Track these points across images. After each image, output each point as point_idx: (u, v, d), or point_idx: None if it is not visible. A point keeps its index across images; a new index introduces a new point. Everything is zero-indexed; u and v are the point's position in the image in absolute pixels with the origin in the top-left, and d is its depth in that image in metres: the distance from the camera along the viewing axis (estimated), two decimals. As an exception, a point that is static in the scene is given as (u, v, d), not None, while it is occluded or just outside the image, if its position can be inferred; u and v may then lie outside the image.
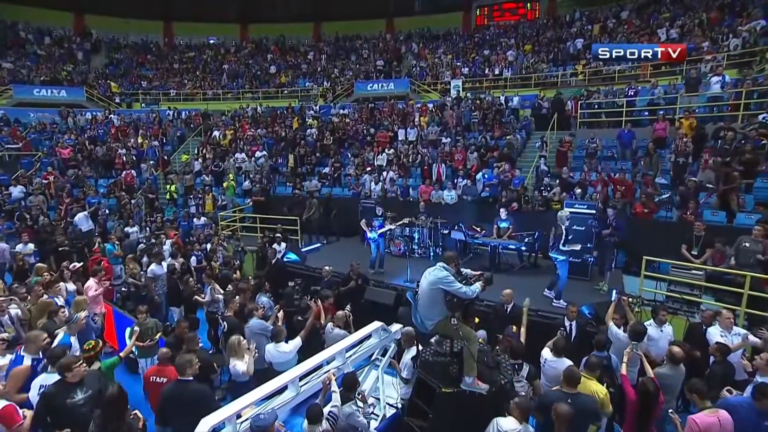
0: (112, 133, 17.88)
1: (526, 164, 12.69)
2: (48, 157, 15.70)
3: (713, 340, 4.63)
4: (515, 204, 9.47)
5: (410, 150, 14.30)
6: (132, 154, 15.89)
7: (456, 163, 12.79)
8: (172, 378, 3.94)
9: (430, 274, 3.72)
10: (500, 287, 7.18)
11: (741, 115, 10.20)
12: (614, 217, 6.79)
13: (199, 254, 9.09)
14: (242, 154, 15.52)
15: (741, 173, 8.50)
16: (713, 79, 10.81)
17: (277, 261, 8.09)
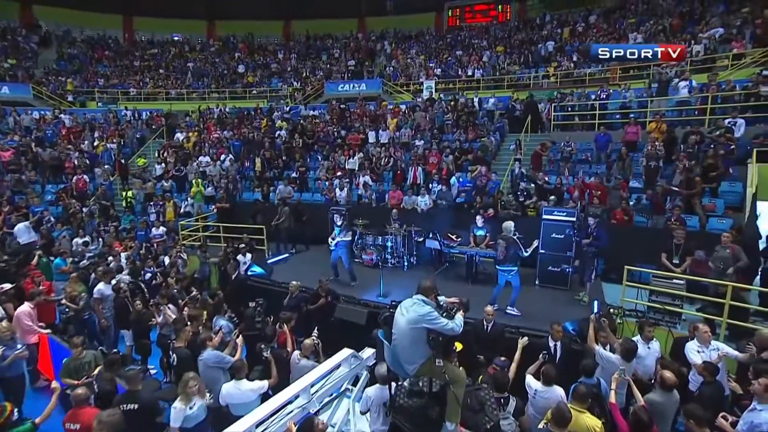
0: (63, 134, 16.57)
1: (501, 167, 12.51)
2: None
3: (691, 356, 4.41)
4: (491, 210, 9.20)
5: (382, 153, 13.89)
6: (85, 157, 14.73)
7: (430, 166, 12.44)
8: (86, 424, 3.31)
9: (408, 310, 3.21)
10: (479, 299, 6.93)
11: (708, 120, 10.33)
12: (595, 226, 6.60)
13: (152, 269, 8.32)
14: (207, 157, 14.65)
15: (702, 178, 8.56)
16: (681, 84, 10.93)
17: (238, 276, 7.46)
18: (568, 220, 7.11)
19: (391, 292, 7.23)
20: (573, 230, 6.96)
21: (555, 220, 7.17)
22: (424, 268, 8.74)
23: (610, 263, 7.73)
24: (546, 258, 7.26)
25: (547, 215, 7.23)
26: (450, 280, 8.01)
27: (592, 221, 6.56)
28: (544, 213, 7.25)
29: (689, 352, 4.43)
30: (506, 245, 6.35)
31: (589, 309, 6.29)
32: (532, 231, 7.81)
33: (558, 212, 7.17)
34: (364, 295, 7.06)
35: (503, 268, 6.46)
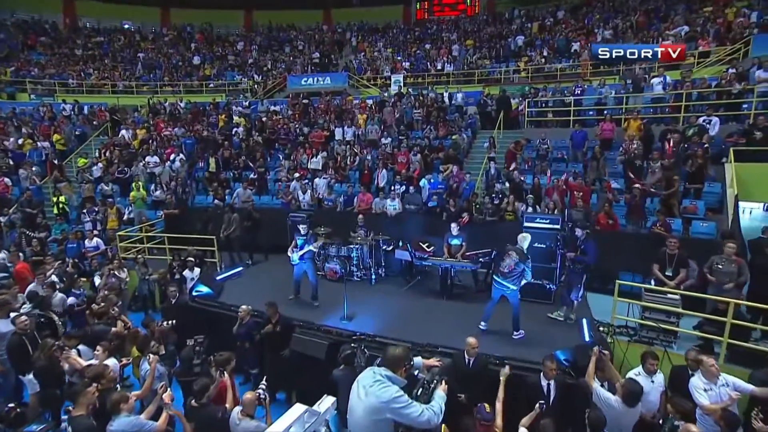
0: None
1: (474, 167, 11.86)
2: None
3: (699, 399, 3.82)
4: (466, 215, 8.48)
5: (348, 151, 12.96)
6: (8, 157, 12.96)
7: (399, 166, 11.64)
8: None
9: (367, 392, 2.34)
10: (456, 317, 6.24)
11: (682, 117, 10.05)
12: (584, 238, 5.94)
13: (81, 291, 7.08)
14: (155, 157, 13.20)
15: (691, 179, 8.21)
16: (655, 80, 10.62)
17: (178, 300, 6.37)
18: (551, 228, 6.47)
19: (357, 314, 6.38)
20: (557, 241, 6.32)
21: (537, 228, 6.51)
22: (393, 281, 7.93)
23: (594, 271, 7.19)
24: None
25: (528, 222, 6.56)
26: (422, 295, 7.23)
27: (581, 233, 5.91)
28: (526, 220, 6.59)
29: (696, 393, 3.83)
30: (518, 260, 5.59)
31: (578, 329, 5.67)
32: (511, 238, 7.17)
33: (541, 219, 6.52)
34: (324, 319, 6.16)
35: (504, 282, 5.69)
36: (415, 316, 6.38)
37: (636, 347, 5.35)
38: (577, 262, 5.87)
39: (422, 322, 6.18)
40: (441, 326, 6.09)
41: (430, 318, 6.34)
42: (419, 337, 5.46)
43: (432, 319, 6.31)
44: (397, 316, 6.37)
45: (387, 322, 6.14)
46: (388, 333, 5.71)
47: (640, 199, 7.59)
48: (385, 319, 6.24)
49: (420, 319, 6.29)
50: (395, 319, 6.27)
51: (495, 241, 7.66)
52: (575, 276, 5.91)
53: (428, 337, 5.46)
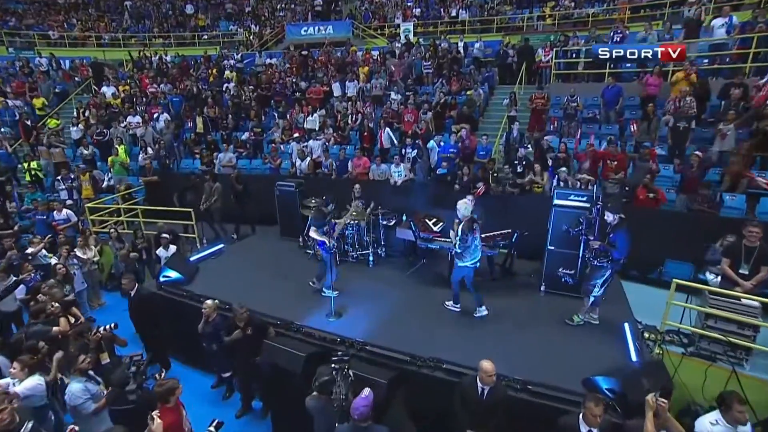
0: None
1: (492, 127, 10.41)
2: None
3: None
4: (481, 186, 7.22)
5: (349, 109, 11.53)
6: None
7: (405, 125, 10.25)
8: None
9: None
10: (466, 317, 5.16)
11: (748, 68, 8.33)
12: (616, 224, 4.54)
13: (34, 276, 6.16)
14: (137, 117, 11.99)
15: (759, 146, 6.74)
16: (716, 22, 8.77)
17: (138, 293, 5.38)
18: (583, 207, 5.21)
19: (348, 308, 5.36)
20: (580, 224, 5.03)
21: (569, 206, 5.26)
22: (395, 263, 6.84)
23: (633, 258, 5.99)
24: (555, 257, 5.43)
25: (560, 200, 5.29)
26: (427, 282, 6.13)
27: (612, 217, 4.58)
28: (557, 197, 5.30)
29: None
30: (464, 231, 4.82)
31: (616, 334, 4.55)
32: (537, 215, 5.95)
33: (576, 196, 5.22)
34: (308, 316, 5.16)
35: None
36: (417, 313, 5.33)
37: (693, 363, 4.26)
38: (600, 253, 4.65)
39: (426, 322, 5.14)
40: (449, 327, 5.04)
41: (435, 316, 5.29)
42: (421, 345, 4.44)
43: (438, 318, 5.25)
44: (395, 312, 5.33)
45: (383, 321, 5.11)
46: (383, 337, 4.69)
47: (698, 170, 6.22)
48: (381, 316, 5.21)
49: (423, 317, 5.25)
50: (393, 317, 5.23)
51: (517, 218, 6.51)
52: (596, 271, 4.71)
53: (432, 346, 4.45)
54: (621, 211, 4.64)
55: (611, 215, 4.65)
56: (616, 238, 4.59)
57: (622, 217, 4.63)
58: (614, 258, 4.59)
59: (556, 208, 5.35)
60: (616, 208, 4.67)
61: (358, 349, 4.46)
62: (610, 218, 4.68)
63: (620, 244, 4.56)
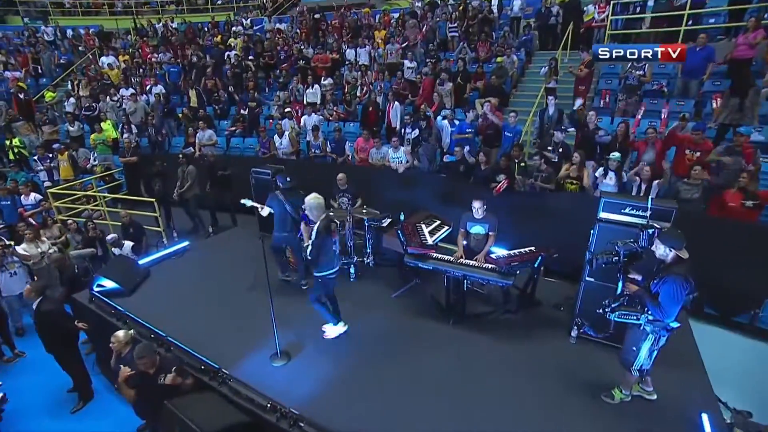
0: (-40, 60, 13.05)
1: (525, 102, 8.50)
2: None
3: None
4: (504, 179, 5.53)
5: (359, 79, 9.94)
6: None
7: (419, 98, 8.56)
8: None
9: None
10: (463, 370, 3.60)
11: None
12: (665, 267, 2.86)
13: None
14: (129, 89, 10.99)
15: None
16: None
17: (39, 307, 4.29)
18: (637, 224, 3.46)
19: (303, 346, 4.04)
20: (620, 252, 3.24)
21: (622, 223, 3.54)
22: (382, 277, 5.37)
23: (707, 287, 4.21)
24: (593, 290, 3.77)
25: (609, 212, 3.58)
26: (416, 312, 4.59)
27: (664, 251, 2.85)
28: (605, 207, 3.57)
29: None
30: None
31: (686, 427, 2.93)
32: (575, 222, 4.26)
33: (634, 209, 3.46)
34: (249, 356, 3.87)
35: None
36: (396, 360, 3.91)
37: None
38: (632, 305, 2.97)
39: (404, 370, 3.72)
40: (435, 381, 3.60)
41: (420, 365, 3.84)
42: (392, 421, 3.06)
43: (421, 365, 3.81)
44: (365, 358, 3.94)
45: (344, 372, 3.75)
46: (338, 404, 3.34)
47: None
48: (345, 363, 3.85)
49: (402, 363, 3.82)
50: (361, 365, 3.85)
51: (547, 225, 4.87)
52: (635, 333, 3.02)
53: (408, 415, 3.07)
54: (681, 244, 2.89)
55: (664, 247, 2.89)
56: (661, 288, 2.84)
57: (680, 255, 2.87)
58: (652, 317, 2.90)
59: (601, 223, 3.64)
60: (675, 238, 2.91)
61: (291, 424, 3.13)
62: (662, 251, 2.90)
63: (664, 300, 2.80)
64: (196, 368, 3.74)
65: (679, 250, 2.81)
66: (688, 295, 2.76)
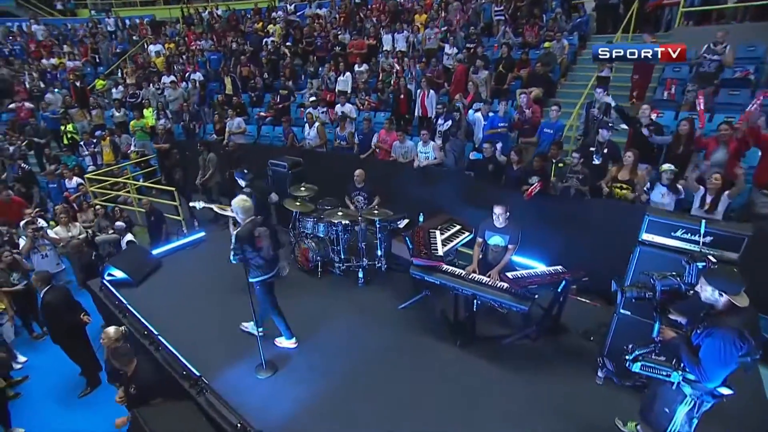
0: (32, 50, 14.06)
1: (573, 94, 7.56)
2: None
3: None
4: (537, 181, 4.86)
5: (395, 66, 9.41)
6: (37, 79, 12.17)
7: (454, 88, 7.90)
8: None
9: None
10: (471, 401, 3.13)
11: None
12: (714, 315, 2.15)
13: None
14: (171, 76, 11.25)
15: None
16: None
17: (48, 296, 4.34)
18: (687, 252, 2.71)
19: (291, 360, 3.75)
20: (656, 285, 2.49)
21: (667, 247, 2.83)
22: (393, 285, 4.94)
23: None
24: (627, 325, 3.09)
25: (654, 233, 2.87)
26: (422, 329, 4.09)
27: (712, 295, 2.14)
28: (649, 227, 2.83)
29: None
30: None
31: None
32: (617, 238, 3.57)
33: (686, 230, 2.71)
34: (235, 364, 3.61)
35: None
36: (389, 383, 3.50)
37: None
38: (669, 356, 2.28)
39: (397, 403, 3.32)
40: (430, 422, 3.15)
41: (416, 392, 3.41)
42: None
43: (418, 399, 3.37)
44: (356, 377, 3.57)
45: (331, 391, 3.41)
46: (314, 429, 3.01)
47: None
48: (333, 382, 3.51)
49: (396, 394, 3.41)
50: (350, 384, 3.49)
51: (583, 239, 4.20)
52: (668, 390, 2.32)
53: None
54: (738, 287, 2.14)
55: (712, 289, 2.17)
56: (704, 341, 2.17)
57: (734, 302, 2.13)
58: (690, 375, 2.22)
59: (643, 247, 2.95)
60: (728, 279, 2.17)
61: (259, 454, 2.84)
62: (709, 294, 2.20)
63: (706, 358, 2.14)
64: (178, 373, 3.56)
65: (733, 294, 2.12)
66: (744, 357, 2.07)
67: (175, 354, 3.72)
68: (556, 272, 3.57)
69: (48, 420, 4.40)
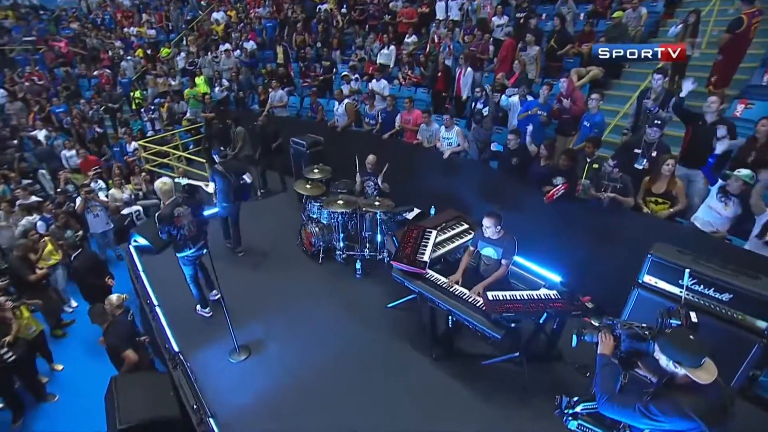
0: (118, 19, 15.30)
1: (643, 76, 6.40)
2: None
3: None
4: (561, 182, 4.26)
5: (445, 37, 8.73)
6: (118, 47, 13.26)
7: (499, 63, 7.14)
8: None
9: None
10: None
11: None
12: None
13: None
14: (226, 45, 11.58)
15: None
16: None
17: (76, 261, 4.84)
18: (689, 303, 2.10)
19: (267, 344, 3.83)
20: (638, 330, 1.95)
21: (669, 295, 2.28)
22: (387, 282, 4.67)
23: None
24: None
25: (656, 276, 2.31)
26: (401, 333, 3.89)
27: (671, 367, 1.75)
28: (651, 268, 2.28)
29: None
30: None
31: None
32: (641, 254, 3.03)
33: (697, 278, 2.09)
34: (214, 342, 3.75)
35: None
36: (351, 385, 3.43)
37: None
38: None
39: (355, 407, 3.25)
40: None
41: (377, 401, 3.30)
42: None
43: (379, 409, 3.25)
44: (322, 372, 3.54)
45: (294, 383, 3.44)
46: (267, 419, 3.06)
47: None
48: (298, 374, 3.52)
49: (357, 398, 3.34)
50: (313, 379, 3.48)
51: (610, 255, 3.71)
52: None
53: None
54: (696, 360, 1.74)
55: (666, 359, 1.81)
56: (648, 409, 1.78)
57: (691, 377, 1.73)
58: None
59: (641, 290, 2.43)
60: (685, 348, 1.76)
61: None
62: (663, 363, 1.84)
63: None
64: (162, 344, 3.80)
65: (691, 367, 1.68)
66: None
67: (163, 326, 3.96)
68: (547, 299, 3.10)
69: (82, 361, 4.96)
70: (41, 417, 4.27)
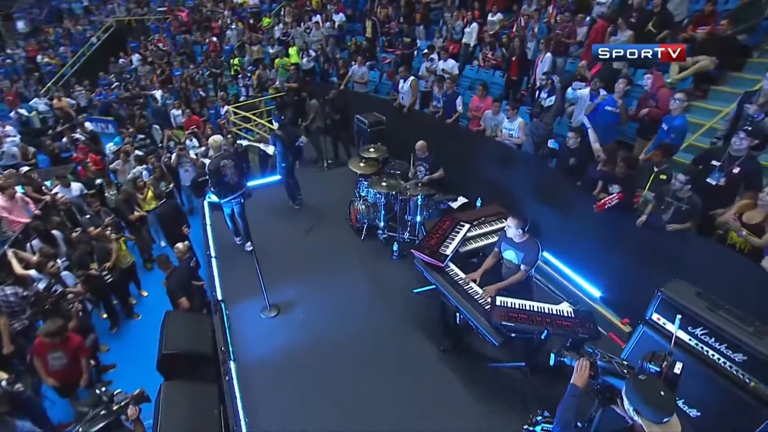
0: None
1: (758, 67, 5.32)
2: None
3: None
4: (617, 192, 3.89)
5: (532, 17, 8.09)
6: (226, 16, 14.49)
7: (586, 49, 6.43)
8: None
9: None
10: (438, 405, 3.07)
11: None
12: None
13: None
14: (317, 16, 12.01)
15: None
16: None
17: (159, 209, 5.73)
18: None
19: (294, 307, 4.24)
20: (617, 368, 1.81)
21: (671, 336, 2.04)
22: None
23: None
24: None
25: (663, 315, 2.07)
26: (419, 320, 3.98)
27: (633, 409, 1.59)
28: (660, 306, 2.04)
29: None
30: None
31: None
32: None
33: (704, 326, 1.85)
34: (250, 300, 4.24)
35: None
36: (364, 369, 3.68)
37: None
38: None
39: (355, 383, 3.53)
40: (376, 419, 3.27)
41: (380, 384, 3.52)
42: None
43: (378, 391, 3.47)
44: (341, 353, 3.84)
45: (306, 348, 3.81)
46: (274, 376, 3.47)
47: None
48: (311, 343, 3.88)
49: (360, 374, 3.60)
50: (330, 356, 3.80)
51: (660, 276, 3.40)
52: None
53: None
54: (660, 414, 1.59)
55: (628, 405, 1.71)
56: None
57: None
58: None
59: (647, 327, 2.23)
60: (649, 400, 1.64)
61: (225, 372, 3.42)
62: (626, 406, 1.73)
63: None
64: (211, 291, 4.41)
65: (648, 421, 1.58)
66: None
67: (214, 275, 4.57)
68: (557, 315, 2.94)
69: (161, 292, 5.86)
70: (128, 329, 5.28)
